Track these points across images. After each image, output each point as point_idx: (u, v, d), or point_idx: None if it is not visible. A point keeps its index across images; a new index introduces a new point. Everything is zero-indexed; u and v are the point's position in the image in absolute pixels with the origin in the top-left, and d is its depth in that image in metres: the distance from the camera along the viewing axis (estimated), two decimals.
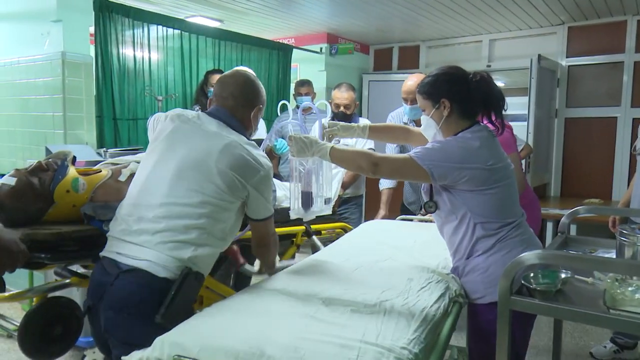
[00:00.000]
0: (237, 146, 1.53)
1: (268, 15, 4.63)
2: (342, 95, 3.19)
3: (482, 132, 1.61)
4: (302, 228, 2.47)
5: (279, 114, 2.68)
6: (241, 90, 1.64)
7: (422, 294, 1.51)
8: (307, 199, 1.77)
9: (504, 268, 1.28)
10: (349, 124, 1.97)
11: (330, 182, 1.89)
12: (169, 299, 1.37)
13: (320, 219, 2.59)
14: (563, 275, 1.44)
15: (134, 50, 3.58)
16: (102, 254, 1.51)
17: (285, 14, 4.59)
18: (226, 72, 1.78)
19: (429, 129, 1.68)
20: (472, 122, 1.64)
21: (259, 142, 2.97)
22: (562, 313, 1.28)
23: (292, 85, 4.33)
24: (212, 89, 3.30)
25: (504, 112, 1.69)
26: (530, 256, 1.22)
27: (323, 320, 1.27)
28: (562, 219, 2.19)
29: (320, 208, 1.81)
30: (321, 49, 5.40)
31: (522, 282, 1.36)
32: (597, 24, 4.79)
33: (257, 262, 1.95)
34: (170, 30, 3.86)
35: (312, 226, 2.52)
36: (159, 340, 1.17)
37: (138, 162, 1.75)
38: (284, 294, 1.47)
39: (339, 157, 1.65)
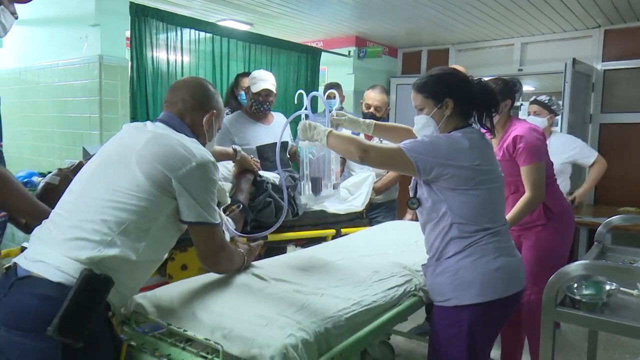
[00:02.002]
0: (167, 137, 1.38)
1: (297, 19, 4.65)
2: (375, 97, 3.14)
3: (474, 133, 1.64)
4: (332, 231, 2.48)
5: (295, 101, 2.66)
6: (192, 94, 1.51)
7: (377, 284, 1.59)
8: (316, 185, 1.82)
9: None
10: (356, 117, 1.97)
11: (338, 167, 1.94)
12: (64, 308, 1.14)
13: (351, 223, 2.59)
14: (607, 287, 1.40)
15: (167, 53, 3.65)
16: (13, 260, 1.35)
17: (314, 17, 4.61)
18: (178, 79, 1.68)
19: (427, 128, 1.67)
20: (465, 123, 1.67)
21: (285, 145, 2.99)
22: (611, 327, 1.24)
23: (321, 88, 4.33)
24: (242, 92, 3.35)
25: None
26: (576, 267, 1.19)
27: (261, 296, 1.40)
28: (599, 228, 2.14)
29: (329, 193, 1.86)
30: (349, 52, 5.40)
31: (566, 292, 1.33)
32: (636, 27, 4.64)
33: None
34: (202, 34, 3.91)
35: (343, 229, 2.53)
36: (129, 301, 1.39)
37: None
38: (248, 274, 1.59)
39: (333, 141, 1.67)
